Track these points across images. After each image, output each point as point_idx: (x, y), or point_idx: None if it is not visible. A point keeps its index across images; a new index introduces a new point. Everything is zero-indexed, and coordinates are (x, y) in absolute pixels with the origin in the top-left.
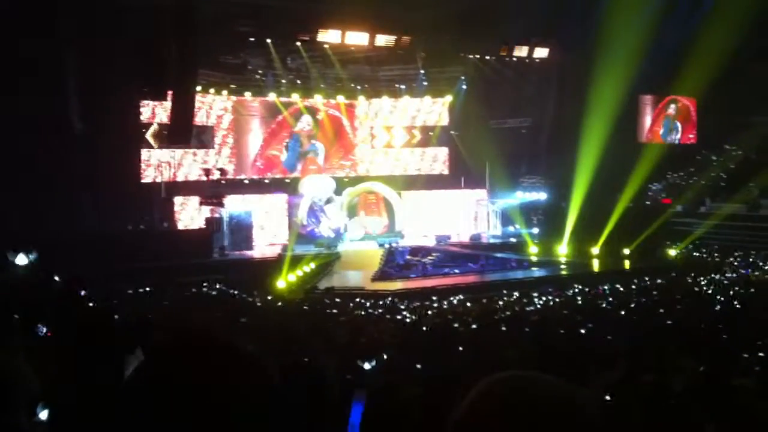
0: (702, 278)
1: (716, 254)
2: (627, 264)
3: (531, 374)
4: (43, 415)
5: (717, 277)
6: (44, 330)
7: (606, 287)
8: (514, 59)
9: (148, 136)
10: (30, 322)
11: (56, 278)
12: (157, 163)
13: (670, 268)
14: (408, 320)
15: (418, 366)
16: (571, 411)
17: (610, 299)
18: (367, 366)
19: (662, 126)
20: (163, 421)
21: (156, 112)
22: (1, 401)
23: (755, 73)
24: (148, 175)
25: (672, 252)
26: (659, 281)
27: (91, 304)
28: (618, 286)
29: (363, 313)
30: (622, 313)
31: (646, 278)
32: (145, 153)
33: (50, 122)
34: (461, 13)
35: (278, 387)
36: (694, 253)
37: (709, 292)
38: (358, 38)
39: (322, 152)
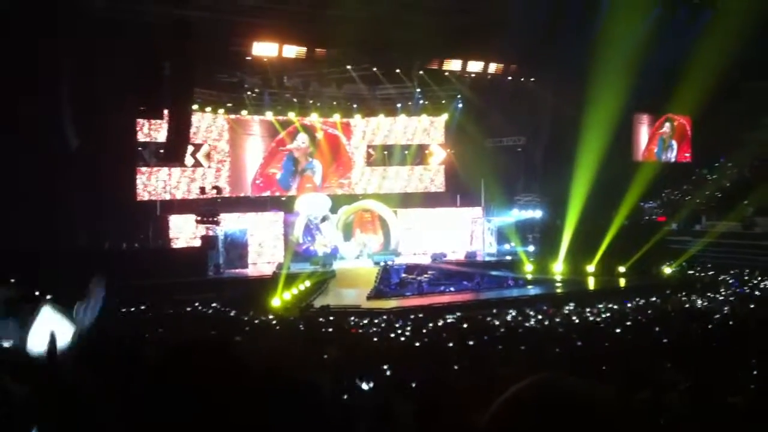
0: (697, 296)
1: (711, 272)
2: (622, 282)
3: (558, 375)
4: None
5: (712, 295)
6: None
7: (601, 305)
8: (509, 78)
9: (144, 153)
10: None
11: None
12: (152, 181)
13: (665, 285)
14: (403, 338)
15: (413, 384)
16: (593, 409)
17: (606, 317)
18: (365, 386)
19: (657, 145)
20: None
21: (152, 130)
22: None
23: (749, 91)
24: (143, 193)
25: (667, 270)
26: (654, 299)
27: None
28: (613, 304)
29: (359, 331)
30: (618, 330)
31: (641, 296)
32: (140, 171)
33: (46, 140)
34: (453, 29)
35: (272, 404)
36: (689, 271)
37: (704, 310)
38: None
39: (319, 171)
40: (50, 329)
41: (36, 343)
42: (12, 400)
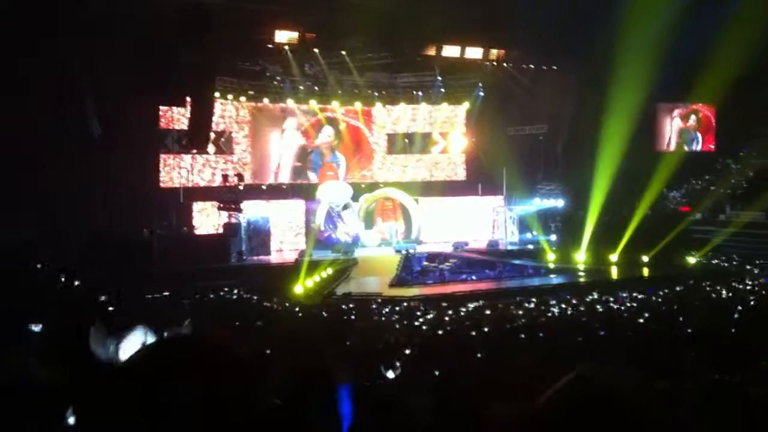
0: (721, 286)
1: (735, 262)
2: (645, 272)
3: (600, 367)
4: (71, 419)
5: (736, 285)
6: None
7: (624, 294)
8: (531, 66)
9: (167, 141)
10: (24, 321)
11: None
12: (176, 168)
13: (688, 275)
14: (425, 327)
15: (436, 372)
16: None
17: (629, 306)
18: (390, 375)
19: (682, 136)
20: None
21: (175, 117)
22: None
23: None
24: (166, 180)
25: (691, 260)
26: (678, 289)
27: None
28: (636, 293)
29: (382, 318)
30: (640, 320)
31: (664, 286)
32: (163, 158)
33: (69, 127)
34: (473, 19)
35: (285, 391)
36: (713, 261)
37: (728, 300)
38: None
39: (343, 164)
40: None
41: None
42: (40, 384)
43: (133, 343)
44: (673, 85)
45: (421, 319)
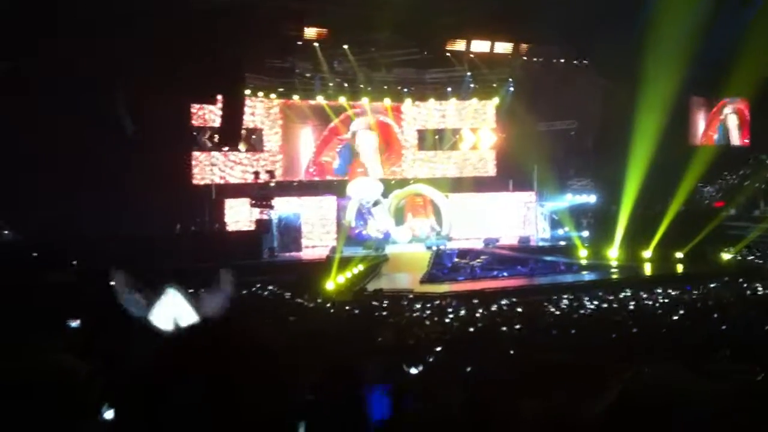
0: (756, 283)
1: None
2: (679, 268)
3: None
4: (108, 415)
5: None
6: (76, 324)
7: (658, 291)
8: (561, 61)
9: (200, 138)
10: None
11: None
12: (208, 165)
13: (723, 272)
14: (456, 323)
15: (468, 369)
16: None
17: (662, 303)
18: (413, 371)
19: (717, 131)
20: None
21: (207, 115)
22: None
23: None
24: (199, 178)
25: (725, 256)
26: (712, 285)
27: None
28: (669, 290)
29: (414, 314)
30: (674, 317)
31: (699, 283)
32: (196, 155)
33: (102, 125)
34: (502, 13)
35: (317, 386)
36: (748, 257)
37: (764, 297)
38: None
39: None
40: (174, 312)
41: (160, 323)
42: (75, 380)
43: (164, 303)
44: (707, 79)
45: (452, 316)
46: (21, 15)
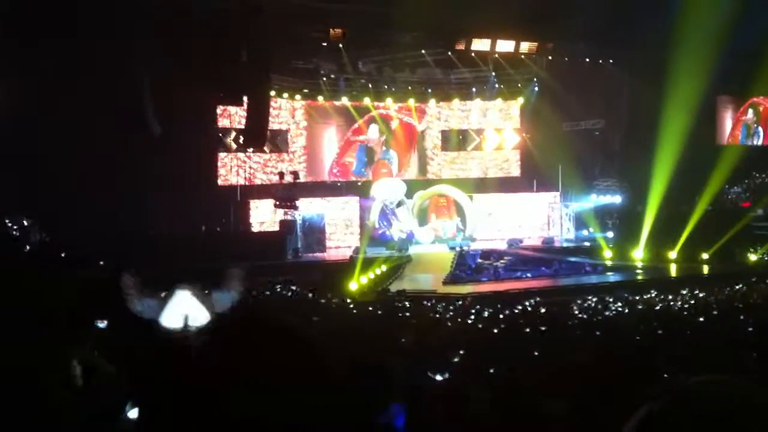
0: None
1: None
2: (706, 269)
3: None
4: (132, 413)
5: None
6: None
7: (684, 292)
8: (587, 60)
9: (226, 139)
10: (89, 316)
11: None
12: (234, 167)
13: (750, 273)
14: (479, 324)
15: (491, 370)
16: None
17: (689, 304)
18: (438, 378)
19: (741, 132)
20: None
21: (233, 116)
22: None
23: None
24: (224, 178)
25: (752, 257)
26: (739, 287)
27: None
28: (696, 291)
29: (437, 315)
30: (701, 319)
31: (725, 284)
32: (222, 156)
33: (129, 125)
34: (521, 13)
35: (345, 385)
36: None
37: None
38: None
39: (395, 160)
40: (184, 312)
41: (170, 323)
42: (101, 378)
43: (176, 304)
44: (734, 78)
45: (475, 317)
46: (41, 13)
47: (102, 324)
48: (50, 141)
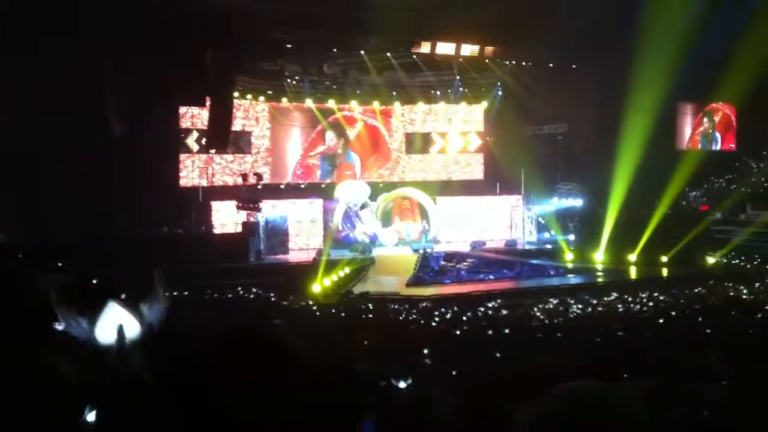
0: (742, 286)
1: (756, 262)
2: (665, 272)
3: (587, 384)
4: (90, 416)
5: (757, 285)
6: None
7: (644, 295)
8: (551, 65)
9: (188, 140)
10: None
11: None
12: (196, 168)
13: (709, 276)
14: (442, 326)
15: (454, 372)
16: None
17: (648, 306)
18: (402, 384)
19: (700, 137)
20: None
21: (195, 117)
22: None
23: None
24: (186, 180)
25: (711, 260)
26: (698, 289)
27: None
28: (655, 294)
29: (400, 317)
30: (660, 321)
31: (684, 286)
32: (183, 158)
33: (88, 126)
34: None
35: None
36: (734, 261)
37: (749, 300)
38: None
39: (358, 163)
40: (118, 323)
41: (103, 336)
42: (62, 382)
43: (109, 320)
44: (694, 84)
45: (438, 319)
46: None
47: (60, 326)
48: (5, 140)
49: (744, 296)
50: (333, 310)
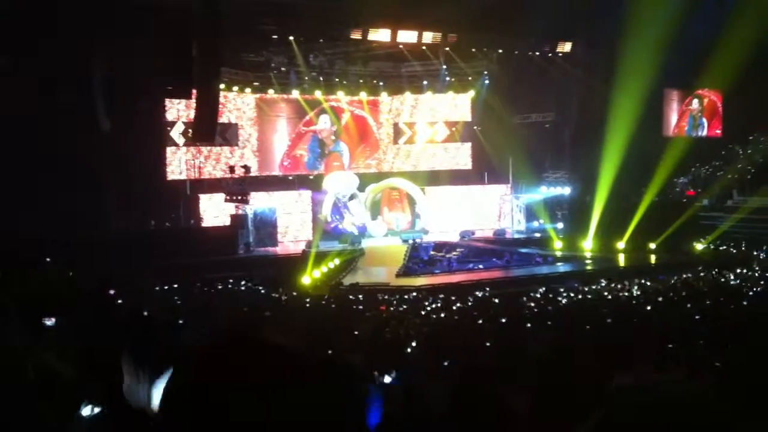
0: (729, 272)
1: (743, 248)
2: (653, 259)
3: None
4: (86, 411)
5: (745, 271)
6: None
7: (632, 282)
8: (537, 54)
9: (173, 134)
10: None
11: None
12: (182, 161)
13: (696, 262)
14: (433, 316)
15: (445, 363)
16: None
17: (637, 294)
18: (387, 379)
19: (687, 122)
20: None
21: (181, 110)
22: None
23: None
24: (173, 173)
25: (699, 246)
26: (686, 276)
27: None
28: (644, 281)
29: (390, 308)
30: (649, 308)
31: (673, 273)
32: (170, 151)
33: (75, 121)
34: (485, 9)
35: (307, 384)
36: (721, 248)
37: (737, 286)
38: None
39: (346, 153)
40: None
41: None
42: (57, 379)
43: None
44: (681, 71)
45: (428, 309)
46: None
47: (49, 322)
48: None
49: (731, 282)
50: (323, 302)
